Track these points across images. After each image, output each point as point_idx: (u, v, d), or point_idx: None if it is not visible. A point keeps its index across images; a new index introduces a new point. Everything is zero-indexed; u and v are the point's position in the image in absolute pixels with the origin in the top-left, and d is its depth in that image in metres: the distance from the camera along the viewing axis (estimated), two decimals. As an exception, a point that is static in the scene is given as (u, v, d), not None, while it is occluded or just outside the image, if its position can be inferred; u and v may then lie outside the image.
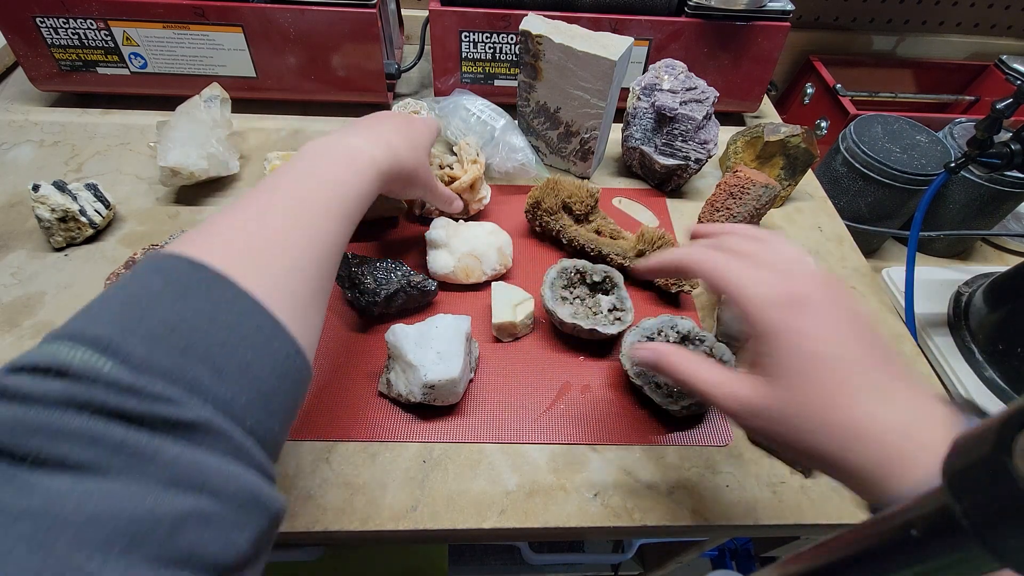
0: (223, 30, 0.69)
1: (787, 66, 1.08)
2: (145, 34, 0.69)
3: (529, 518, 0.44)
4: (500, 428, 0.49)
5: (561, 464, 0.48)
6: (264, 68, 0.73)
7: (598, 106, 0.64)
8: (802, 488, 0.48)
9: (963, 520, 0.12)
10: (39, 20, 0.67)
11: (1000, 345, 0.68)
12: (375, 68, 0.73)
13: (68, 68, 0.72)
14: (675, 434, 0.50)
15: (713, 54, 0.75)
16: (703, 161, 0.67)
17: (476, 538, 0.46)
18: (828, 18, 1.04)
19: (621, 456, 0.49)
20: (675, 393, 0.49)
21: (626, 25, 0.71)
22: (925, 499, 0.13)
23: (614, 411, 0.51)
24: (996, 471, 0.12)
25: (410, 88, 0.85)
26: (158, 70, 0.72)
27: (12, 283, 0.56)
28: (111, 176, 0.68)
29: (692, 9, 0.72)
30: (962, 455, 0.13)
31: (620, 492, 0.46)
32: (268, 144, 0.74)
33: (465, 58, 0.74)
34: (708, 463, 0.49)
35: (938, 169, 0.75)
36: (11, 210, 0.63)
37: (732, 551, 0.96)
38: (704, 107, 0.65)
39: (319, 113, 0.78)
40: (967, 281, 0.79)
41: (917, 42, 1.07)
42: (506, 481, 0.46)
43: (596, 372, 0.54)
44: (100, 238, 0.61)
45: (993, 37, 1.08)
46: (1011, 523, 0.12)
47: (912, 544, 0.13)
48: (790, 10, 0.72)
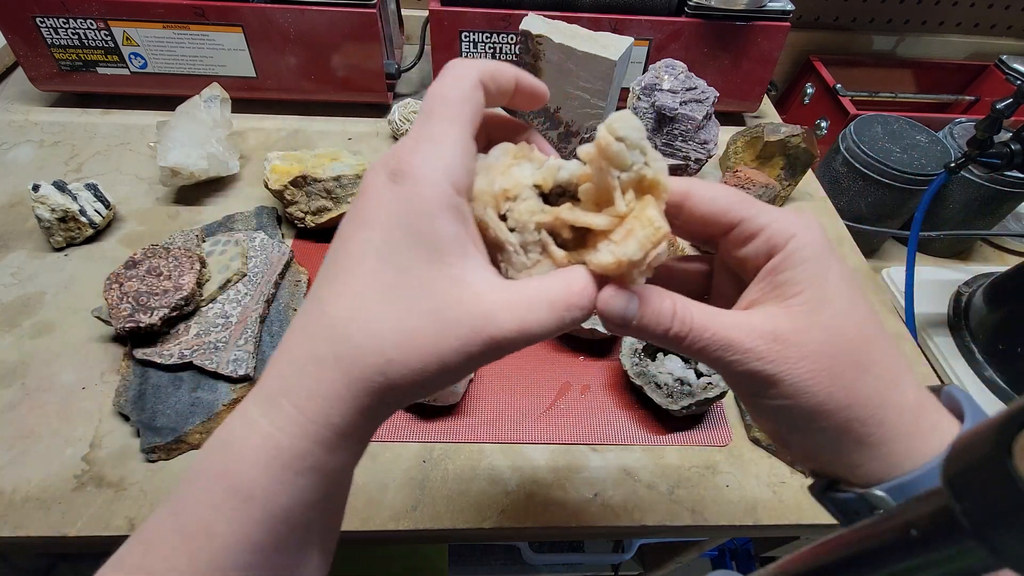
0: (223, 30, 0.69)
1: (787, 66, 1.08)
2: (145, 34, 0.69)
3: (529, 518, 0.44)
4: (500, 428, 0.49)
5: (561, 464, 0.48)
6: (264, 68, 0.73)
7: (598, 106, 0.64)
8: (802, 488, 0.48)
9: (963, 520, 0.12)
10: (39, 20, 0.67)
11: (1000, 345, 0.68)
12: (375, 68, 0.73)
13: (68, 68, 0.72)
14: (675, 434, 0.50)
15: (713, 54, 0.75)
16: (703, 161, 0.67)
17: (476, 538, 0.46)
18: (828, 18, 1.04)
19: (621, 456, 0.49)
20: (675, 393, 0.49)
21: (626, 25, 0.71)
22: (925, 499, 0.13)
23: (614, 411, 0.51)
24: (996, 471, 0.12)
25: (410, 88, 0.85)
26: (158, 70, 0.72)
27: (12, 283, 0.56)
28: (111, 176, 0.68)
29: (692, 9, 0.72)
30: (962, 455, 0.13)
31: (620, 492, 0.46)
32: (268, 144, 0.74)
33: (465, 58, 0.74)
34: (708, 463, 0.49)
35: (938, 169, 0.75)
36: (11, 210, 0.63)
37: (732, 551, 0.96)
38: (704, 107, 0.65)
39: (319, 113, 0.78)
40: (967, 281, 0.79)
41: (917, 42, 1.07)
42: (506, 481, 0.46)
43: (596, 372, 0.53)
44: (100, 238, 0.61)
45: (993, 37, 1.08)
46: (1011, 523, 0.12)
47: (912, 544, 0.13)
48: (790, 10, 0.72)
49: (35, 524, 0.42)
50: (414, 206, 0.20)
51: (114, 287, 0.49)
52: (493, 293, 0.20)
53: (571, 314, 0.21)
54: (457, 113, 0.21)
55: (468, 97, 0.22)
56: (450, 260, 0.20)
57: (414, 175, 0.20)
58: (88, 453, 0.46)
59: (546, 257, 0.23)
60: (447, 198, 0.20)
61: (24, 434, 0.46)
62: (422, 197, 0.20)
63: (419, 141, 0.21)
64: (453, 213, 0.20)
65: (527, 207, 0.23)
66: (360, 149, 0.74)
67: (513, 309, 0.20)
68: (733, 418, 0.52)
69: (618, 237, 0.21)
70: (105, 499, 0.44)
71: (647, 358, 0.52)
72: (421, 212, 0.20)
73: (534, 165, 0.23)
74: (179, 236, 0.56)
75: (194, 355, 0.48)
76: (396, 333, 0.19)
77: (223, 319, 0.50)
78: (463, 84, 0.22)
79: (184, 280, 0.50)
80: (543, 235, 0.23)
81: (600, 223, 0.22)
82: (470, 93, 0.22)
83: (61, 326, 0.53)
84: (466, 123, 0.21)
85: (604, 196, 0.22)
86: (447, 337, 0.20)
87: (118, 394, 0.47)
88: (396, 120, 0.73)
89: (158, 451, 0.45)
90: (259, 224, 0.61)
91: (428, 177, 0.20)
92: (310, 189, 0.60)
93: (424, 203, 0.20)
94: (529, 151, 0.24)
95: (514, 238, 0.23)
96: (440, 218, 0.20)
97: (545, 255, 0.23)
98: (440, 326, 0.20)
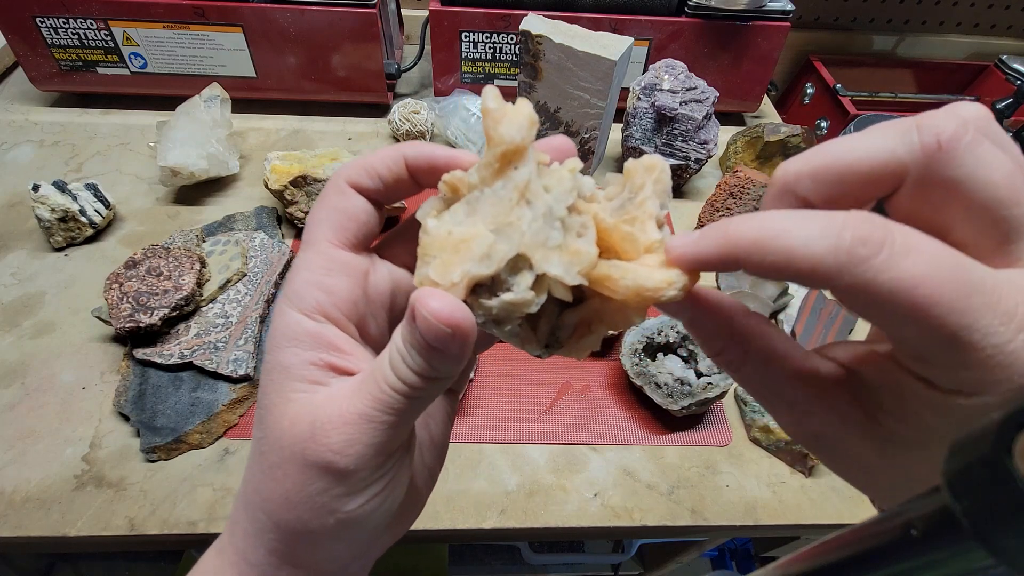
0: (223, 30, 0.69)
1: (787, 66, 1.08)
2: (145, 34, 0.69)
3: (529, 518, 0.44)
4: (500, 428, 0.49)
5: (561, 464, 0.48)
6: (264, 68, 0.73)
7: (598, 106, 0.64)
8: (802, 488, 0.48)
9: (963, 520, 0.12)
10: (39, 20, 0.67)
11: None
12: (375, 68, 0.73)
13: (68, 68, 0.72)
14: (675, 434, 0.50)
15: (713, 54, 0.75)
16: (703, 161, 0.67)
17: (476, 538, 0.46)
18: (828, 18, 1.04)
19: (621, 456, 0.49)
20: (675, 393, 0.49)
21: (626, 25, 0.71)
22: (925, 499, 0.13)
23: (614, 411, 0.51)
24: (996, 471, 0.12)
25: (410, 88, 0.85)
26: (158, 70, 0.72)
27: (12, 283, 0.56)
28: (111, 176, 0.68)
29: (692, 9, 0.72)
30: (962, 455, 0.13)
31: (620, 492, 0.46)
32: (268, 144, 0.74)
33: (465, 58, 0.74)
34: (708, 463, 0.49)
35: (938, 169, 0.75)
36: (11, 210, 0.63)
37: (732, 551, 0.96)
38: (704, 107, 0.65)
39: (319, 113, 0.78)
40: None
41: (917, 42, 1.07)
42: (506, 481, 0.46)
43: (596, 372, 0.53)
44: (100, 238, 0.61)
45: (993, 37, 1.08)
46: (1011, 523, 0.12)
47: (912, 544, 0.13)
48: (790, 10, 0.72)
49: (35, 524, 0.42)
50: (268, 350, 0.20)
51: (114, 287, 0.49)
52: (324, 408, 0.18)
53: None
54: (313, 235, 0.20)
55: (328, 213, 0.20)
56: (290, 396, 0.19)
57: (272, 316, 0.19)
58: (88, 453, 0.46)
59: (567, 247, 0.18)
60: (290, 329, 0.19)
61: (24, 434, 0.46)
62: (270, 337, 0.20)
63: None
64: (295, 343, 0.19)
65: (567, 176, 0.19)
66: (360, 149, 0.74)
67: (346, 422, 0.18)
68: (733, 418, 0.52)
69: (650, 263, 0.18)
70: (105, 499, 0.44)
71: (647, 358, 0.52)
72: (270, 350, 0.20)
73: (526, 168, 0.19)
74: (179, 236, 0.56)
75: (194, 355, 0.48)
76: (260, 480, 0.19)
77: (223, 319, 0.50)
78: (325, 201, 0.20)
79: (184, 280, 0.50)
80: (573, 218, 0.19)
81: (639, 239, 0.18)
82: (334, 203, 0.20)
83: (61, 326, 0.53)
84: (322, 240, 0.20)
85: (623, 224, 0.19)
86: (286, 481, 0.18)
87: (118, 394, 0.47)
88: (396, 120, 0.73)
89: (158, 451, 0.45)
90: (259, 224, 0.61)
91: (277, 312, 0.20)
92: (310, 189, 0.60)
93: (270, 341, 0.20)
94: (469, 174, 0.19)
95: (548, 198, 0.18)
96: (283, 350, 0.19)
97: (565, 242, 0.18)
98: (279, 471, 0.19)
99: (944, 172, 0.15)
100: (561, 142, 0.21)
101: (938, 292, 0.14)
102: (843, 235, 0.14)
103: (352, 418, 0.18)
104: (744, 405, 0.52)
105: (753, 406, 0.51)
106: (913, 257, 0.14)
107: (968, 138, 0.15)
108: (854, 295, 0.15)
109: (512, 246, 0.18)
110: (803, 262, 0.14)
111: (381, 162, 0.20)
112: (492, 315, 0.18)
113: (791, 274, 0.15)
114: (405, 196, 0.21)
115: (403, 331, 0.17)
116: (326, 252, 0.20)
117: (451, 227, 0.18)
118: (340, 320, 0.20)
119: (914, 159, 0.15)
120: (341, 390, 0.18)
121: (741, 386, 0.21)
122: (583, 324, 0.20)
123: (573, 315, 0.20)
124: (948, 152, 0.15)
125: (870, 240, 0.14)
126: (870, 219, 0.14)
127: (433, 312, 0.16)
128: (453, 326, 0.16)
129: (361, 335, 0.21)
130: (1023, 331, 0.14)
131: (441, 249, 0.18)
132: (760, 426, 0.50)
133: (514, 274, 0.18)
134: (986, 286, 0.14)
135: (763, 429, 0.49)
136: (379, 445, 0.18)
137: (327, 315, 0.19)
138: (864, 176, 0.15)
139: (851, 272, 0.14)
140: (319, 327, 0.19)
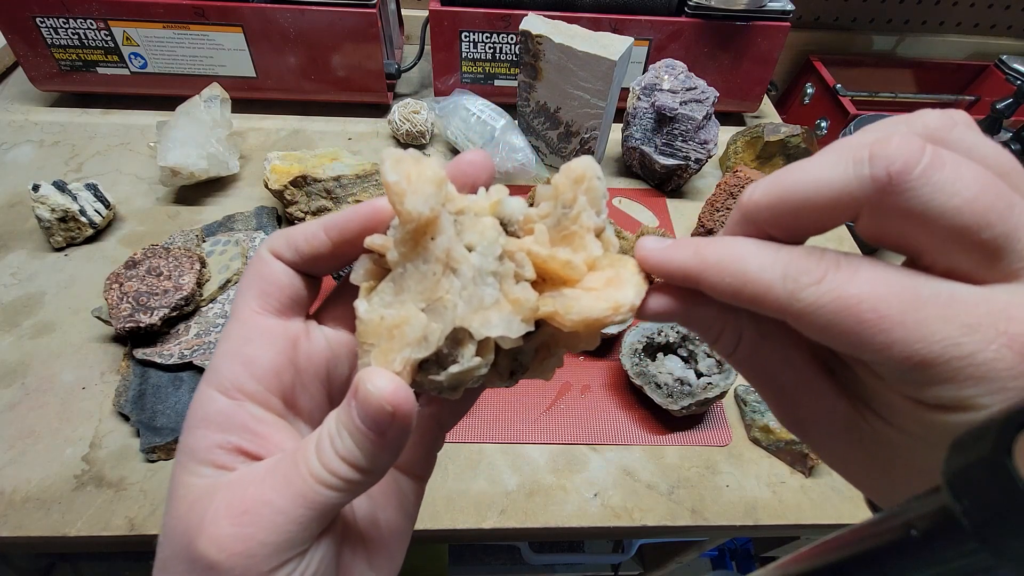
0: (223, 30, 0.69)
1: (787, 66, 1.08)
2: (145, 34, 0.69)
3: (529, 518, 0.44)
4: (500, 428, 0.49)
5: (561, 464, 0.48)
6: (264, 68, 0.73)
7: (598, 106, 0.64)
8: (802, 488, 0.48)
9: (963, 520, 0.12)
10: (39, 20, 0.67)
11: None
12: (375, 68, 0.73)
13: (68, 68, 0.72)
14: (675, 434, 0.50)
15: (713, 54, 0.75)
16: (703, 161, 0.67)
17: (476, 538, 0.46)
18: (828, 18, 1.04)
19: (621, 456, 0.49)
20: (675, 393, 0.49)
21: (626, 25, 0.71)
22: (925, 499, 0.13)
23: (614, 411, 0.51)
24: (996, 471, 0.12)
25: (410, 88, 0.85)
26: (158, 70, 0.72)
27: (12, 283, 0.56)
28: (111, 176, 0.68)
29: (692, 9, 0.72)
30: (962, 455, 0.13)
31: (620, 492, 0.46)
32: (268, 144, 0.74)
33: (465, 58, 0.74)
34: (708, 463, 0.49)
35: (938, 169, 0.75)
36: (11, 210, 0.63)
37: (732, 551, 0.96)
38: (704, 107, 0.65)
39: (319, 113, 0.78)
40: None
41: (917, 42, 1.07)
42: (506, 481, 0.46)
43: (596, 372, 0.53)
44: (100, 238, 0.61)
45: (993, 37, 1.08)
46: (1011, 523, 0.12)
47: (912, 544, 0.13)
48: (790, 10, 0.72)
49: (35, 524, 0.42)
50: (182, 431, 0.19)
51: (114, 287, 0.49)
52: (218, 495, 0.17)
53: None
54: (236, 305, 0.20)
55: (251, 282, 0.19)
56: (193, 480, 0.18)
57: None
58: (88, 453, 0.46)
59: (504, 298, 0.17)
60: (202, 408, 0.18)
61: (24, 434, 0.46)
62: (186, 417, 0.19)
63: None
64: (203, 425, 0.18)
65: (490, 225, 0.18)
66: (360, 149, 0.74)
67: (244, 511, 0.16)
68: (733, 418, 0.52)
69: (596, 283, 0.18)
70: (105, 499, 0.44)
71: (647, 358, 0.52)
72: (183, 431, 0.19)
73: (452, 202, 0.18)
74: (179, 236, 0.56)
75: (194, 355, 0.48)
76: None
77: (223, 319, 0.50)
78: (247, 271, 0.20)
79: (184, 280, 0.50)
80: (506, 265, 0.18)
81: (579, 264, 0.18)
82: (256, 270, 0.19)
83: (61, 326, 0.53)
84: (244, 308, 0.19)
85: (562, 242, 0.18)
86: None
87: (118, 394, 0.47)
88: (396, 120, 0.73)
89: (158, 451, 0.45)
90: (259, 224, 0.61)
91: (197, 389, 0.19)
92: (310, 189, 0.60)
93: (185, 421, 0.19)
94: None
95: (474, 259, 0.17)
96: (190, 432, 0.18)
97: (501, 295, 0.18)
98: (166, 571, 0.17)
99: (898, 205, 0.14)
100: (476, 158, 0.20)
101: (883, 306, 0.14)
102: (790, 265, 0.15)
103: (252, 505, 0.16)
104: (744, 405, 0.52)
105: (753, 406, 0.51)
106: (856, 279, 0.15)
107: (921, 166, 0.14)
108: (808, 321, 0.15)
109: (447, 323, 0.17)
110: (757, 285, 0.16)
111: (301, 234, 0.19)
112: (444, 386, 0.18)
113: (747, 297, 0.16)
114: (340, 266, 0.20)
115: (339, 413, 0.17)
116: (247, 320, 0.19)
117: (382, 311, 0.17)
118: (259, 394, 0.18)
119: (865, 193, 0.15)
120: (248, 474, 0.17)
121: (735, 368, 0.21)
122: (543, 348, 0.20)
123: (532, 341, 0.19)
124: (899, 185, 0.14)
125: (813, 270, 0.15)
126: (813, 251, 0.16)
127: (378, 388, 0.16)
128: (395, 406, 0.16)
129: (290, 408, 0.20)
130: (995, 342, 0.14)
131: (377, 336, 0.17)
132: (760, 426, 0.50)
133: (456, 347, 0.18)
134: (940, 299, 0.14)
135: (763, 429, 0.49)
136: (278, 544, 0.16)
137: (243, 389, 0.18)
138: (818, 210, 0.16)
139: (799, 298, 0.15)
140: (232, 406, 0.18)
